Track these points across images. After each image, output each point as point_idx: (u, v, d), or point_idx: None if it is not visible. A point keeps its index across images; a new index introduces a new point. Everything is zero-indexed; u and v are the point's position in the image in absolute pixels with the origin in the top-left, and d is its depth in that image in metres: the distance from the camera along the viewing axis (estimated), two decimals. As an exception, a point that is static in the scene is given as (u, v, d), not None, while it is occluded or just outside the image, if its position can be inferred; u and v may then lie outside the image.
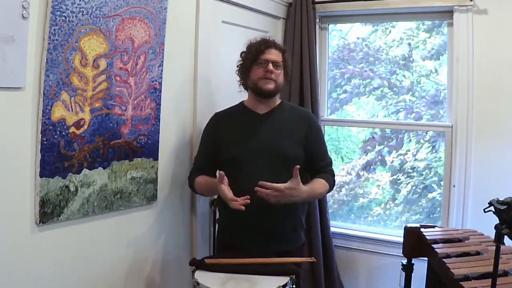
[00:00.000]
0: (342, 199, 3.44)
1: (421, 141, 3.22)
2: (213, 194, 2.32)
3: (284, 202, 1.90)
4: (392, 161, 3.28)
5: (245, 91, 2.22)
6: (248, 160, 2.05)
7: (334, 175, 2.20)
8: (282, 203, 1.91)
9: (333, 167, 2.23)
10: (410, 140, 3.25)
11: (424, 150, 3.21)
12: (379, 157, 3.30)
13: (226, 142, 2.12)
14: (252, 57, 2.09)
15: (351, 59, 3.35)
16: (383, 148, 3.29)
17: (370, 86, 3.30)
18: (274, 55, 2.09)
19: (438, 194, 3.10)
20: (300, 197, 1.95)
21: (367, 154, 3.35)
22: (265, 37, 2.19)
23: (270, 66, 2.07)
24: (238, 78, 2.21)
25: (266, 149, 2.06)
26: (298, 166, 1.89)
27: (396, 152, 3.27)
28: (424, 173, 3.21)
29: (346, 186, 3.43)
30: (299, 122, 2.15)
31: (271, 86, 2.08)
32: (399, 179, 3.28)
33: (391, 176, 3.29)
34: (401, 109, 3.22)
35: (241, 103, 2.24)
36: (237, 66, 2.19)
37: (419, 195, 3.21)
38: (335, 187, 3.36)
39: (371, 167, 3.33)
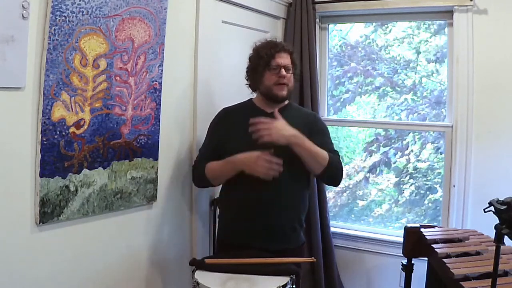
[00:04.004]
0: (344, 202, 3.44)
1: (426, 142, 3.21)
2: (226, 175, 2.11)
3: (280, 137, 1.93)
4: (395, 162, 3.27)
5: (253, 92, 2.22)
6: None
7: (340, 162, 2.11)
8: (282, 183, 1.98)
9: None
10: (415, 142, 3.24)
11: (426, 151, 3.20)
12: (385, 159, 3.29)
13: (232, 138, 2.12)
14: (264, 63, 2.08)
15: (353, 55, 3.35)
16: (389, 149, 3.28)
17: (372, 85, 3.30)
18: (284, 59, 2.09)
19: (440, 196, 3.09)
20: (289, 132, 1.96)
21: (371, 156, 3.34)
22: (273, 40, 2.18)
23: (283, 72, 2.06)
24: (244, 80, 2.20)
25: (271, 147, 2.06)
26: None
27: (401, 153, 3.27)
28: (427, 174, 3.21)
29: (348, 191, 3.43)
30: (303, 122, 2.15)
31: (284, 92, 2.09)
32: (402, 180, 3.28)
33: (396, 177, 3.28)
34: (403, 109, 3.22)
35: (250, 100, 2.23)
36: (247, 71, 2.18)
37: (422, 197, 3.21)
38: (336, 192, 3.39)
39: (378, 169, 3.32)
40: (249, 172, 1.97)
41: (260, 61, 2.09)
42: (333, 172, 2.07)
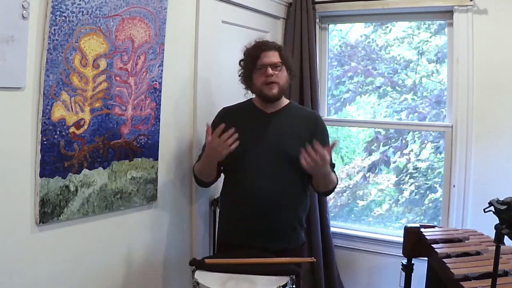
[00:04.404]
0: (344, 202, 3.44)
1: (426, 141, 3.21)
2: (208, 169, 2.12)
3: (315, 167, 1.90)
4: (395, 161, 3.27)
5: (252, 94, 2.21)
6: (252, 158, 2.05)
7: (337, 179, 2.18)
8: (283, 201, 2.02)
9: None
10: (415, 141, 3.24)
11: (426, 151, 3.20)
12: (384, 158, 3.29)
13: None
14: (251, 65, 2.09)
15: (353, 55, 3.35)
16: (388, 148, 3.28)
17: (372, 84, 3.30)
18: (270, 57, 2.08)
19: (440, 196, 3.09)
20: (325, 168, 1.95)
21: (371, 155, 3.34)
22: (259, 39, 2.18)
23: (269, 70, 2.06)
24: (240, 81, 2.20)
25: (271, 148, 2.06)
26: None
27: (401, 152, 3.27)
28: (426, 173, 3.21)
29: (348, 191, 3.42)
30: (305, 123, 2.15)
31: (275, 91, 2.08)
32: (402, 180, 3.28)
33: (396, 177, 3.28)
34: (403, 109, 3.22)
35: (250, 100, 2.23)
36: (239, 75, 2.19)
37: (422, 196, 3.21)
38: (336, 192, 3.38)
39: (377, 168, 3.32)
40: (222, 158, 1.97)
41: (248, 64, 2.11)
42: (330, 191, 2.20)
